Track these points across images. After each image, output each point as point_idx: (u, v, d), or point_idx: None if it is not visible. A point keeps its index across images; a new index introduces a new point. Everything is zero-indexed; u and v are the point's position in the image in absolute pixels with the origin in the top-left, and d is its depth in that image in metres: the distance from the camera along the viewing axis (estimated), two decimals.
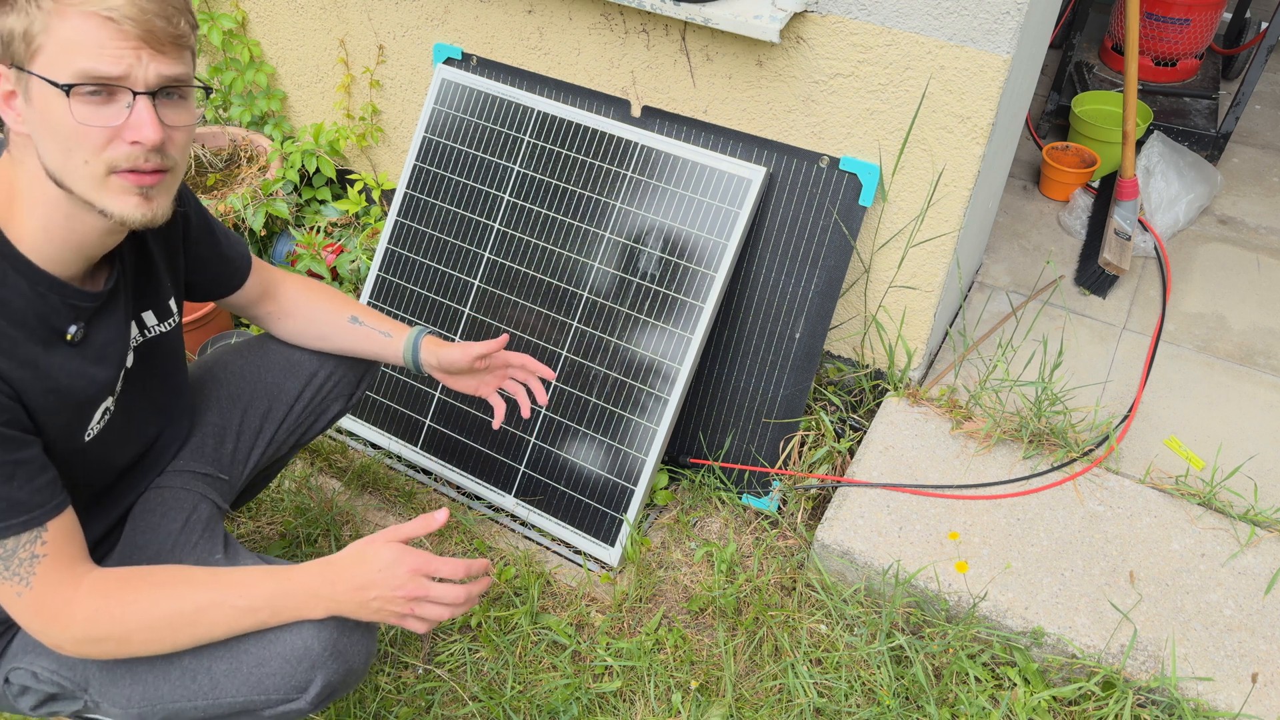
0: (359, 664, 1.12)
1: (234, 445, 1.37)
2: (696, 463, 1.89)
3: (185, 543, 1.23)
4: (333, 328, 1.39)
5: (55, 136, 0.88)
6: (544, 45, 1.88)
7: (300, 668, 1.07)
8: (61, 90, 0.86)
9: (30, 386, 0.95)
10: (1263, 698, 1.40)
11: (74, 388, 1.01)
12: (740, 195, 1.72)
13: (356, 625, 1.11)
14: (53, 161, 0.90)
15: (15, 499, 0.94)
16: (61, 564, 0.98)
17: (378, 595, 1.05)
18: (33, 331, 0.96)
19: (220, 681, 1.08)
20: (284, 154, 2.33)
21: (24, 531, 0.95)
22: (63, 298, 0.98)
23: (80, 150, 0.89)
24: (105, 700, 1.12)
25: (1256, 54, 2.45)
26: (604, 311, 1.80)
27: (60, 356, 0.99)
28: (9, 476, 0.93)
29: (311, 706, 1.10)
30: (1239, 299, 2.17)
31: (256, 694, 1.08)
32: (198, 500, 1.28)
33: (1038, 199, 2.52)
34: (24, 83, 0.88)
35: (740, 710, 1.52)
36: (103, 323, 1.05)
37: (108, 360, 1.06)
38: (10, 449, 0.94)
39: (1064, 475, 1.72)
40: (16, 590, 0.97)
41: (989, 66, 1.48)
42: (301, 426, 1.44)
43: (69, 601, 0.98)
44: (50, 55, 0.85)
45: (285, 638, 1.07)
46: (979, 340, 2.04)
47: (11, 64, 0.87)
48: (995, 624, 1.53)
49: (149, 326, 1.16)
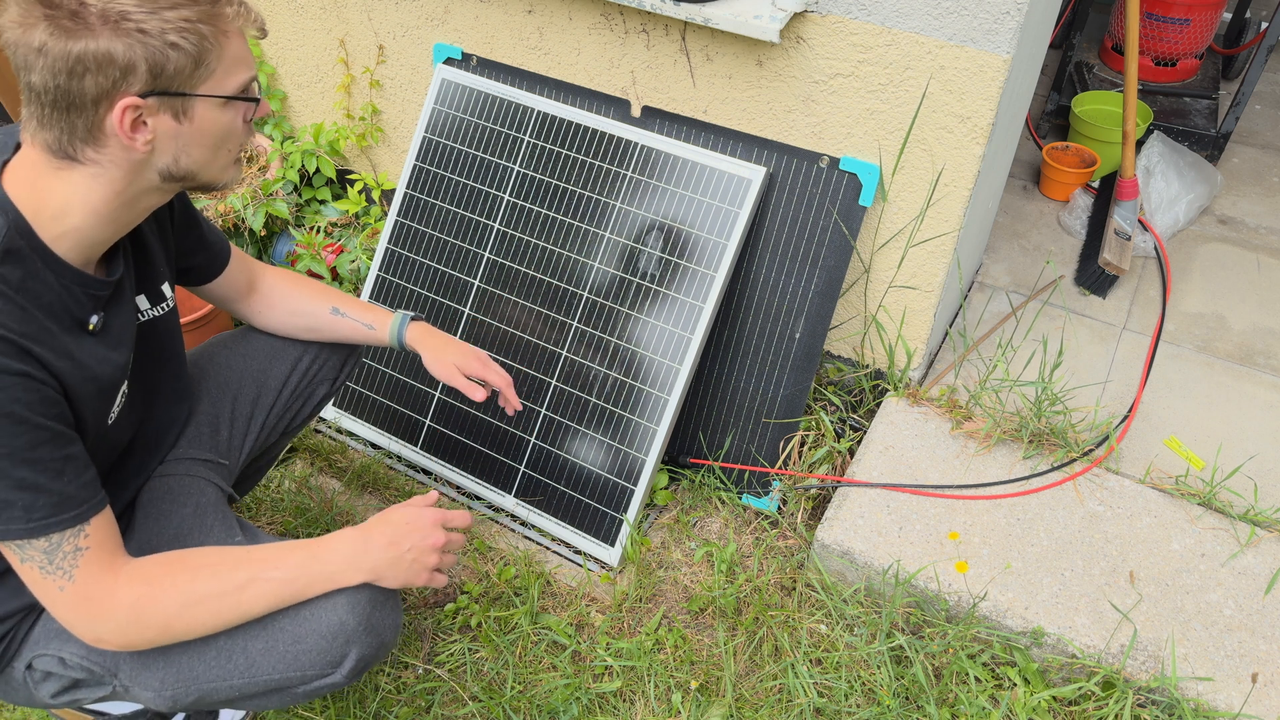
0: (390, 636, 1.16)
1: (229, 432, 1.39)
2: (696, 463, 1.89)
3: (201, 526, 1.25)
4: (316, 319, 1.43)
5: (208, 142, 0.99)
6: (544, 45, 1.88)
7: (336, 643, 1.10)
8: (225, 100, 0.97)
9: (72, 377, 0.98)
10: (1263, 698, 1.40)
11: (102, 374, 1.04)
12: (740, 195, 1.72)
13: (387, 599, 1.15)
14: (194, 163, 0.99)
15: (66, 494, 0.96)
16: (103, 556, 1.00)
17: (411, 546, 1.13)
18: (64, 323, 0.98)
19: (256, 660, 1.10)
20: (284, 154, 2.33)
21: (71, 527, 0.97)
22: (84, 289, 1.00)
23: (230, 144, 1.02)
24: (136, 684, 1.13)
25: (1256, 54, 2.45)
26: (604, 311, 1.80)
27: (88, 345, 1.02)
28: (59, 472, 0.95)
29: (346, 680, 1.13)
30: (1239, 299, 2.17)
31: (293, 670, 1.10)
32: (203, 485, 1.30)
33: (1038, 199, 2.52)
34: (179, 106, 0.94)
35: (740, 710, 1.52)
36: (115, 309, 1.08)
37: (124, 345, 1.09)
38: (61, 444, 0.96)
39: (1064, 475, 1.72)
40: (59, 584, 0.98)
41: (989, 66, 1.48)
42: (290, 411, 1.47)
43: (110, 592, 1.00)
44: (220, 75, 0.96)
45: (320, 614, 1.10)
46: (979, 340, 2.04)
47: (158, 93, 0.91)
48: (995, 624, 1.53)
49: (143, 310, 1.18)
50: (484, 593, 1.70)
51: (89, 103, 0.89)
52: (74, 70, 0.87)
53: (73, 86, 0.88)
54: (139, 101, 0.90)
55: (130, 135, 0.92)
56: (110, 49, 0.87)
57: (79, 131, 0.91)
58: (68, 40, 0.86)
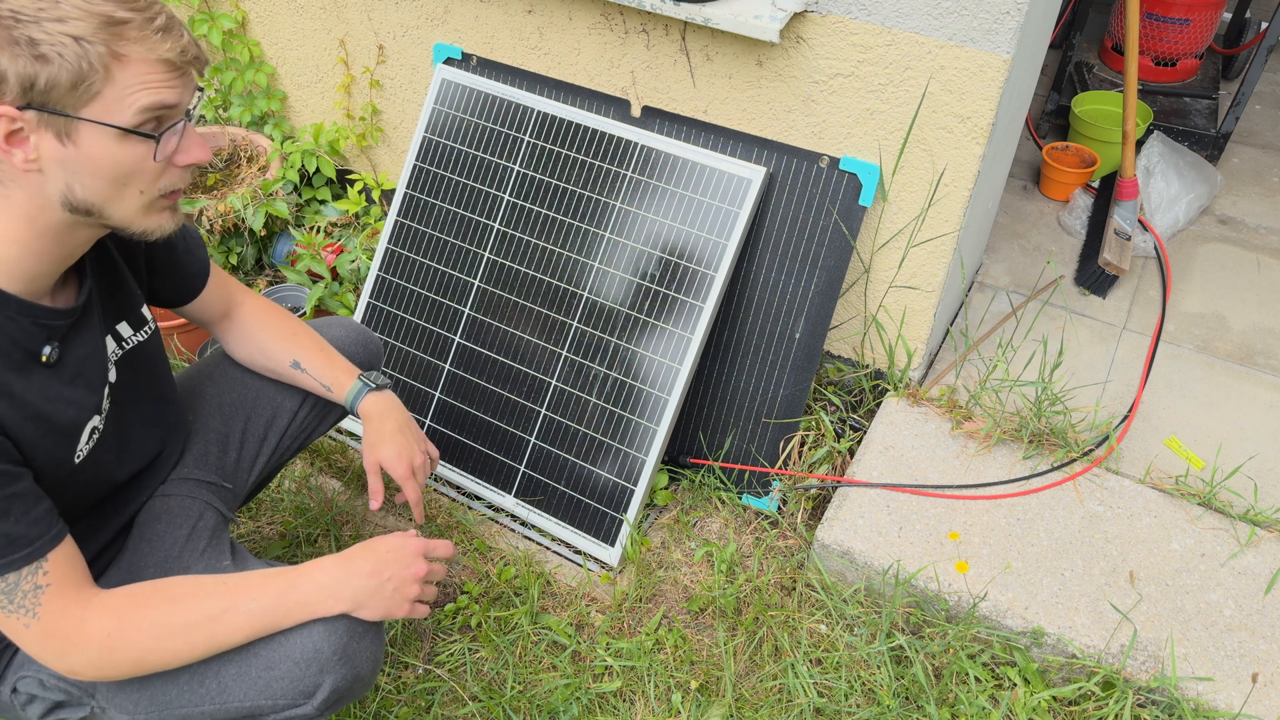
0: (367, 670, 1.12)
1: (238, 453, 1.36)
2: (696, 463, 1.89)
3: (192, 550, 1.22)
4: (276, 365, 1.37)
5: (104, 174, 0.90)
6: (544, 45, 1.88)
7: (309, 671, 1.07)
8: (121, 131, 0.88)
9: (11, 417, 0.94)
10: (1263, 698, 1.40)
11: (54, 412, 0.99)
12: (740, 195, 1.72)
13: (366, 630, 1.11)
14: (93, 196, 0.91)
15: (13, 534, 0.93)
16: (67, 591, 0.98)
17: (392, 576, 1.10)
18: (7, 358, 0.94)
19: (228, 685, 1.08)
20: (284, 154, 2.33)
21: (25, 565, 0.94)
22: (34, 319, 0.96)
23: (136, 183, 0.92)
24: (112, 706, 1.12)
25: (1256, 54, 2.45)
26: (604, 311, 1.80)
27: (38, 380, 0.97)
28: (4, 513, 0.92)
29: (318, 713, 1.09)
30: (1239, 299, 2.17)
31: (264, 698, 1.07)
32: (203, 509, 1.28)
33: (1038, 199, 2.52)
34: (60, 126, 0.86)
35: (740, 710, 1.52)
36: (77, 340, 1.03)
37: (85, 378, 1.04)
38: (2, 484, 0.92)
39: (1064, 475, 1.72)
40: (24, 622, 0.96)
41: (989, 66, 1.48)
42: (305, 431, 1.44)
43: (80, 625, 0.98)
44: (109, 101, 0.87)
45: (295, 640, 1.07)
46: (979, 340, 2.04)
47: (35, 108, 0.85)
48: (995, 624, 1.53)
49: (125, 338, 1.14)
50: (484, 593, 1.70)
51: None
52: None
53: None
54: (14, 113, 0.84)
55: (7, 148, 0.86)
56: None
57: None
58: None
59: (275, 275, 2.41)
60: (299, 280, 2.18)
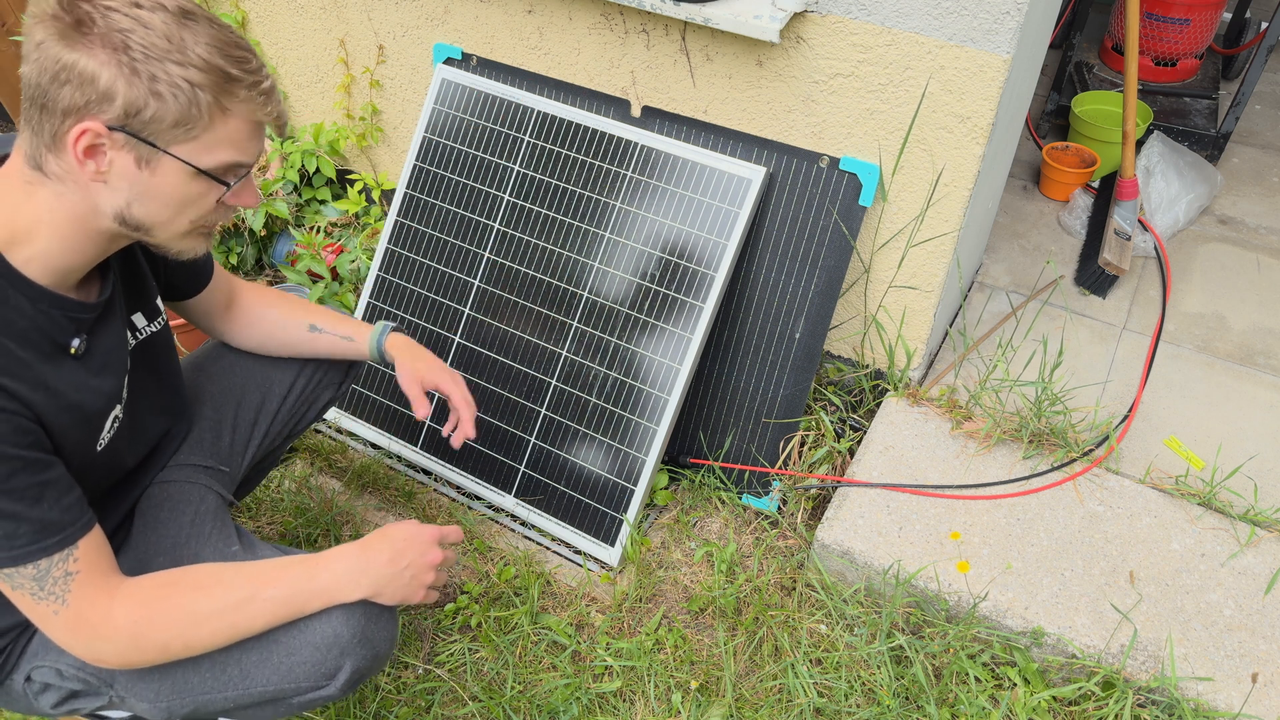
0: (385, 649, 1.16)
1: (231, 438, 1.38)
2: (696, 463, 1.89)
3: (198, 535, 1.24)
4: (293, 335, 1.41)
5: (165, 201, 0.95)
6: (544, 45, 1.88)
7: (330, 655, 1.10)
8: (198, 170, 0.94)
9: (47, 407, 0.96)
10: (1263, 698, 1.40)
11: (85, 402, 1.02)
12: (740, 195, 1.72)
13: (382, 612, 1.14)
14: (148, 217, 0.96)
15: (47, 520, 0.95)
16: (95, 579, 0.99)
17: (410, 563, 1.13)
18: (40, 350, 0.96)
19: (251, 672, 1.10)
20: (284, 154, 2.33)
21: (56, 552, 0.96)
22: (64, 311, 0.99)
23: (189, 214, 0.98)
24: (132, 695, 1.13)
25: (1256, 54, 2.45)
26: (604, 311, 1.80)
27: (67, 371, 1.00)
28: (37, 498, 0.94)
29: (340, 693, 1.13)
30: (1239, 299, 2.17)
31: (287, 682, 1.10)
32: (203, 493, 1.30)
33: (1038, 199, 2.52)
34: (145, 153, 0.91)
35: (740, 710, 1.52)
36: (102, 332, 1.06)
37: (111, 369, 1.07)
38: (37, 471, 0.95)
39: (1064, 475, 1.72)
40: (53, 609, 0.97)
41: (989, 66, 1.48)
42: (295, 416, 1.47)
43: (107, 614, 1.00)
44: (200, 145, 0.93)
45: (315, 626, 1.09)
46: (979, 340, 2.04)
47: (129, 132, 0.89)
48: (995, 624, 1.53)
49: (140, 328, 1.17)
50: (484, 593, 1.70)
51: (59, 111, 0.87)
52: (57, 76, 0.85)
53: (51, 90, 0.86)
54: (102, 130, 0.88)
55: (82, 158, 0.89)
56: (96, 71, 0.85)
57: (45, 137, 0.89)
58: (63, 46, 0.85)
59: (275, 275, 2.41)
60: (299, 280, 2.18)
